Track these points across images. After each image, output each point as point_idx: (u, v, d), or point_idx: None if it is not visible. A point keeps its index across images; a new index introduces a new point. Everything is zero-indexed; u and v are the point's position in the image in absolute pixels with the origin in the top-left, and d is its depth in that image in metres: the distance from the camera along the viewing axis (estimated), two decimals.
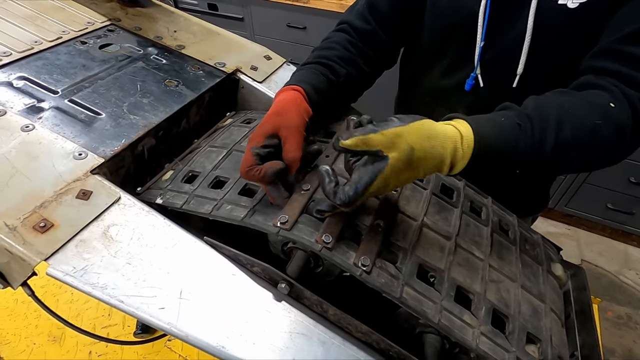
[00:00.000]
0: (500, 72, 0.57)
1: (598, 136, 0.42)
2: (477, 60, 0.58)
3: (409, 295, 0.40)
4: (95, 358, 0.72)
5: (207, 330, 0.38)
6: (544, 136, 0.41)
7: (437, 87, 0.67)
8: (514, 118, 0.42)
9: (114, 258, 0.40)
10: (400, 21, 0.63)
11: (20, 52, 0.58)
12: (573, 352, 0.52)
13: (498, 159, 0.41)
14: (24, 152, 0.45)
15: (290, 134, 0.44)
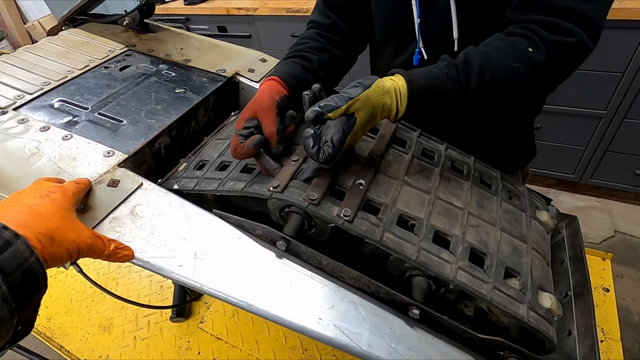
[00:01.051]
0: (440, 41, 0.63)
1: (516, 75, 0.51)
2: (418, 36, 0.64)
3: (389, 239, 0.46)
4: (139, 342, 0.82)
5: (218, 281, 0.46)
6: (468, 80, 0.50)
7: (391, 66, 0.71)
8: (443, 68, 0.51)
9: (140, 230, 0.48)
10: (355, 11, 0.71)
11: (57, 81, 0.70)
12: (566, 292, 0.55)
13: (431, 101, 0.50)
14: (65, 156, 0.55)
15: (264, 114, 0.53)
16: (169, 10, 2.28)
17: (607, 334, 0.68)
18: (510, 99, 0.56)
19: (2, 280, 0.30)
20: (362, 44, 0.77)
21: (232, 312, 0.84)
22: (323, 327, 0.44)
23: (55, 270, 1.02)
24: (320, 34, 0.70)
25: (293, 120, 0.57)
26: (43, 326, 0.88)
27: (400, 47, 0.69)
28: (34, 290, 0.34)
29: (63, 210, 0.40)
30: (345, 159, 0.53)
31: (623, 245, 1.67)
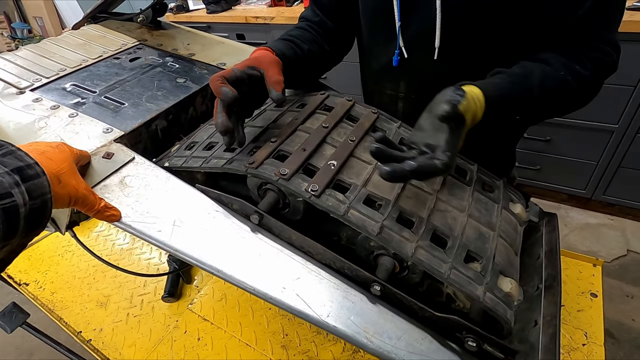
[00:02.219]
0: (421, 47, 0.66)
1: (567, 88, 0.57)
2: (399, 38, 0.67)
3: (353, 215, 0.48)
4: (131, 318, 0.85)
5: (192, 247, 0.49)
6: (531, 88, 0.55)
7: (380, 64, 0.76)
8: (505, 77, 0.56)
9: (127, 197, 0.52)
10: (340, 11, 0.75)
11: (72, 68, 0.76)
12: (537, 284, 0.56)
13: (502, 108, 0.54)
14: (69, 130, 0.60)
15: (269, 65, 0.57)
16: (192, 18, 2.40)
17: (590, 337, 0.67)
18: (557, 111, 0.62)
19: (29, 200, 0.36)
20: (349, 43, 0.82)
21: (220, 295, 0.87)
22: (285, 295, 0.46)
23: (64, 250, 1.08)
24: (310, 27, 0.75)
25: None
26: (47, 299, 0.93)
27: (386, 47, 0.72)
28: (41, 222, 0.39)
29: (69, 160, 0.46)
30: (322, 143, 0.56)
31: (635, 265, 1.60)
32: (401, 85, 0.75)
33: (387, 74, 0.76)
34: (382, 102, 0.81)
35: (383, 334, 0.45)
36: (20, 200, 0.35)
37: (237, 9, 2.32)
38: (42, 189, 0.39)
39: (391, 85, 0.76)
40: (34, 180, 0.38)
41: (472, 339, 0.45)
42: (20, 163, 0.38)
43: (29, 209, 0.36)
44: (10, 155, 0.39)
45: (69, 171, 0.46)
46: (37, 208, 0.38)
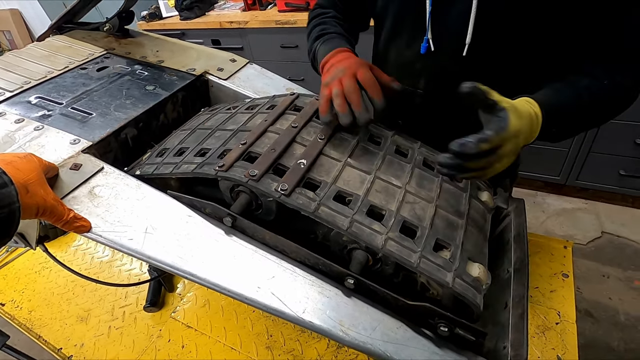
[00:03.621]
0: (450, 40, 0.65)
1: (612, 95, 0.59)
2: (428, 24, 0.65)
3: (323, 212, 0.49)
4: (113, 331, 0.84)
5: (165, 253, 0.49)
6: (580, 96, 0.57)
7: (402, 57, 0.76)
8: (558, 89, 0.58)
9: (96, 207, 0.52)
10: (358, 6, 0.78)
11: (36, 80, 0.75)
12: (507, 268, 0.58)
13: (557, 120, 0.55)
14: (35, 143, 0.59)
15: (366, 69, 0.59)
16: (165, 25, 2.38)
17: (562, 317, 0.70)
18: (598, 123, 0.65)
19: None
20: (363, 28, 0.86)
21: (203, 302, 0.86)
22: (260, 294, 0.47)
23: (40, 267, 1.06)
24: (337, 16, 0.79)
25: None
26: (24, 318, 0.91)
27: (411, 38, 0.71)
28: (8, 231, 0.40)
29: (37, 170, 0.46)
30: (292, 143, 0.57)
31: (610, 246, 1.67)
32: (421, 82, 0.74)
33: (407, 68, 0.74)
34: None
35: (358, 326, 0.46)
36: None
37: (210, 15, 2.31)
38: (10, 198, 0.39)
39: (410, 81, 0.74)
40: (1, 189, 0.38)
41: (444, 324, 0.47)
42: None
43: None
44: None
45: (37, 181, 0.45)
46: (5, 217, 0.38)
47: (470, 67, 0.66)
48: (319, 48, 0.71)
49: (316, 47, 0.73)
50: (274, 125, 0.60)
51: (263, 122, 0.61)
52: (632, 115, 1.54)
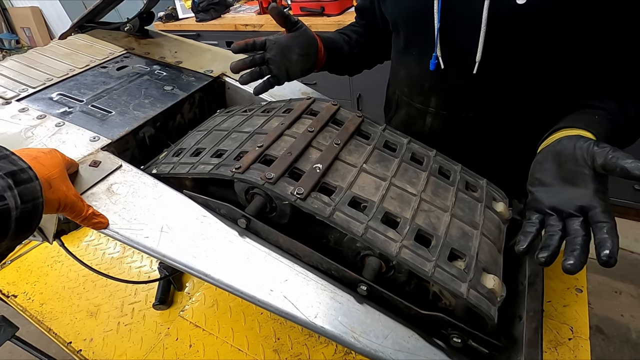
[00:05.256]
0: (460, 57, 0.64)
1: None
2: (437, 40, 0.65)
3: (338, 217, 0.49)
4: (122, 327, 0.85)
5: (180, 253, 0.49)
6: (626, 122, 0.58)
7: (412, 74, 0.77)
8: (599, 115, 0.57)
9: (114, 205, 0.53)
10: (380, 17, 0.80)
11: (58, 78, 0.77)
12: (522, 281, 0.57)
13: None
14: (56, 139, 0.60)
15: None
16: (181, 26, 2.41)
17: (576, 332, 0.68)
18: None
19: (20, 203, 0.36)
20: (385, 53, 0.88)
21: (212, 302, 0.87)
22: (273, 297, 0.47)
23: (53, 260, 1.07)
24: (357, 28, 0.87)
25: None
26: (36, 310, 0.92)
27: (421, 56, 0.71)
28: (31, 225, 0.40)
29: (60, 166, 0.47)
30: (308, 147, 0.57)
31: (623, 262, 1.63)
32: (432, 100, 0.74)
33: (418, 86, 0.75)
34: (410, 115, 0.80)
35: (370, 333, 0.46)
36: (12, 203, 0.36)
37: (226, 17, 2.34)
38: (34, 193, 0.40)
39: (421, 98, 0.76)
40: (26, 184, 0.39)
41: (457, 335, 0.46)
42: (13, 167, 0.39)
43: (20, 212, 0.37)
44: (4, 159, 0.40)
45: (59, 177, 0.46)
46: (29, 212, 0.39)
47: (481, 86, 0.66)
48: None
49: None
50: (290, 129, 0.61)
51: (279, 126, 0.61)
52: None
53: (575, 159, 0.47)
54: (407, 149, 0.62)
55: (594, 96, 0.61)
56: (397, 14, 0.73)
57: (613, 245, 0.41)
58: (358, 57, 0.86)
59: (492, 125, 0.72)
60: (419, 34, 0.69)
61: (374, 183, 0.55)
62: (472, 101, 0.70)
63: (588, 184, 0.46)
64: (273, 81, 0.71)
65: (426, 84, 0.74)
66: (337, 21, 1.90)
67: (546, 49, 0.61)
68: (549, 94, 0.67)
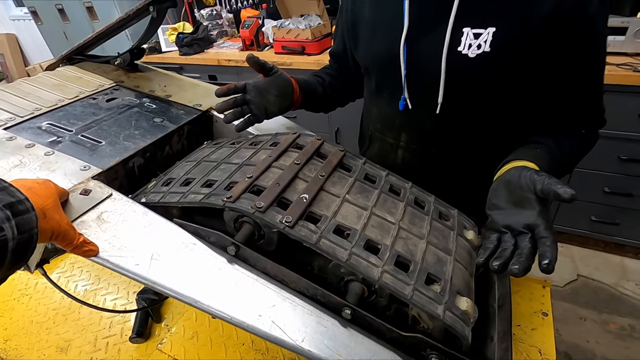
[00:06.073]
0: (425, 100, 0.75)
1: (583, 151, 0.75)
2: (404, 85, 0.75)
3: (324, 244, 0.52)
4: None
5: (169, 279, 0.50)
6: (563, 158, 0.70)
7: (384, 113, 0.86)
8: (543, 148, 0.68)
9: (104, 232, 0.54)
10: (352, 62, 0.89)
11: (47, 107, 0.78)
12: (492, 304, 0.61)
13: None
14: (45, 168, 0.61)
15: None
16: (164, 59, 2.47)
17: (544, 354, 0.73)
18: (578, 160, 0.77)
19: (17, 234, 0.37)
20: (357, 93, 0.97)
21: (192, 333, 0.85)
22: (262, 322, 0.49)
23: (19, 294, 1.02)
24: (331, 71, 0.96)
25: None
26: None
27: (391, 98, 0.80)
28: (25, 255, 0.41)
29: (54, 196, 0.48)
30: (295, 178, 0.61)
31: (585, 289, 1.73)
32: (402, 136, 0.83)
33: (390, 124, 0.84)
34: (383, 149, 0.89)
35: (355, 356, 0.48)
36: (10, 234, 0.37)
37: (209, 52, 2.42)
38: (30, 224, 0.41)
39: (393, 134, 0.85)
40: (23, 215, 0.40)
41: (436, 355, 0.49)
42: (12, 199, 0.40)
43: (16, 243, 0.38)
44: (3, 191, 0.41)
45: (53, 207, 0.47)
46: (24, 242, 0.40)
47: (445, 123, 0.76)
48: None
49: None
50: (277, 161, 0.65)
51: (267, 158, 0.65)
52: (600, 166, 1.67)
53: (521, 186, 0.56)
54: (386, 181, 0.67)
55: (537, 133, 0.72)
56: (369, 61, 0.83)
57: (552, 255, 0.49)
58: (331, 97, 0.96)
59: (458, 158, 0.81)
60: (389, 78, 0.79)
61: (356, 212, 0.59)
62: (438, 136, 0.80)
63: (533, 206, 0.54)
64: (253, 120, 0.78)
65: (397, 121, 0.83)
66: (317, 60, 2.02)
67: (496, 94, 0.72)
68: (502, 130, 0.77)
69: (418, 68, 0.73)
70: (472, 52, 0.67)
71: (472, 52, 0.67)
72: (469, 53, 0.67)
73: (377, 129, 0.90)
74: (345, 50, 0.90)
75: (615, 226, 1.77)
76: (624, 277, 1.76)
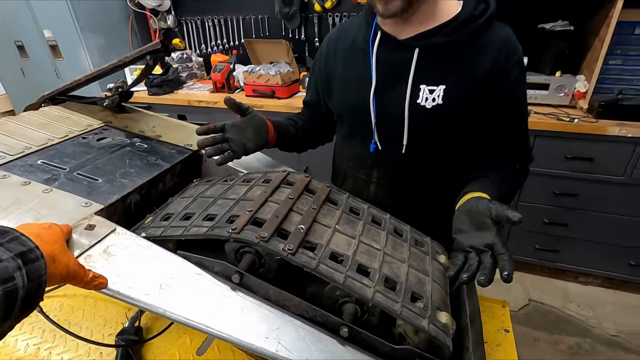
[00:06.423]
0: (392, 142, 0.88)
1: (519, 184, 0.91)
2: (374, 131, 0.89)
3: (322, 268, 0.58)
4: None
5: (179, 307, 0.54)
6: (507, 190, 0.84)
7: (356, 153, 0.97)
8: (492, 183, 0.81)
9: (111, 265, 0.56)
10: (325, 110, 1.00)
11: (37, 146, 0.79)
12: (464, 319, 0.70)
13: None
14: (45, 205, 0.63)
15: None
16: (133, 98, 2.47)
17: None
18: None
19: (27, 282, 0.38)
20: (332, 132, 1.08)
21: None
22: (269, 344, 0.53)
23: None
24: (303, 116, 1.07)
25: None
26: None
27: (363, 140, 0.93)
28: (34, 303, 0.41)
29: (61, 240, 0.49)
30: (290, 211, 0.68)
31: (537, 313, 1.89)
32: (374, 172, 0.95)
33: (362, 163, 0.96)
34: (356, 184, 0.99)
35: None
36: (20, 283, 0.38)
37: (179, 93, 2.47)
38: (40, 272, 0.42)
39: (365, 171, 0.96)
40: (33, 263, 0.41)
41: None
42: (23, 248, 0.42)
43: (26, 291, 0.39)
44: (15, 240, 0.42)
45: (61, 251, 0.49)
46: (34, 289, 0.41)
47: (410, 161, 0.90)
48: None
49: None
50: (272, 196, 0.71)
51: (263, 193, 0.71)
52: (539, 200, 1.90)
53: (479, 213, 0.68)
54: (368, 213, 0.76)
55: (483, 169, 0.88)
56: (343, 109, 0.96)
57: (510, 268, 0.61)
58: (303, 139, 1.06)
59: (423, 191, 0.95)
60: (361, 124, 0.92)
61: (346, 241, 0.66)
62: (405, 172, 0.93)
63: (490, 229, 0.66)
64: (232, 155, 0.85)
65: (368, 160, 0.95)
66: (287, 104, 2.15)
67: (449, 136, 0.87)
68: (456, 166, 0.93)
69: (385, 116, 0.87)
70: (428, 104, 0.82)
71: (429, 104, 0.82)
72: (426, 105, 0.82)
73: (350, 167, 1.01)
74: (319, 100, 1.03)
75: (556, 253, 1.98)
76: (567, 299, 1.95)
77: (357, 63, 0.88)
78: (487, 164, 0.88)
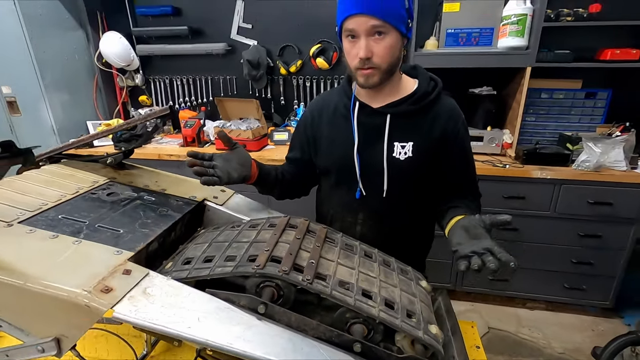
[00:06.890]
0: (375, 188, 1.07)
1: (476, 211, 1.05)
2: (359, 180, 1.07)
3: (336, 294, 0.70)
4: None
5: (217, 336, 0.61)
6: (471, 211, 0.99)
7: (343, 200, 1.14)
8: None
9: (152, 304, 0.63)
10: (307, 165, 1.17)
11: (53, 202, 0.84)
12: (447, 333, 0.84)
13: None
14: (80, 254, 0.69)
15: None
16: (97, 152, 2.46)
17: None
18: None
19: None
20: (313, 183, 1.23)
21: None
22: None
23: None
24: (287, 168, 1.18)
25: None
26: None
27: (349, 188, 1.10)
28: None
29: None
30: (299, 250, 0.79)
31: (496, 338, 2.07)
32: (360, 215, 1.12)
33: (348, 207, 1.13)
34: (344, 226, 1.15)
35: None
36: None
37: (148, 147, 2.52)
38: None
39: (351, 214, 1.13)
40: None
41: None
42: None
43: None
44: None
45: None
46: None
47: (390, 203, 1.09)
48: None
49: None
50: (281, 237, 0.83)
51: (274, 236, 0.83)
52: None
53: (475, 225, 0.86)
54: (361, 249, 0.90)
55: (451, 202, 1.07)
56: (330, 164, 1.14)
57: (513, 259, 0.76)
58: (283, 184, 1.19)
59: (401, 228, 1.13)
60: (346, 176, 1.10)
61: (348, 272, 0.79)
62: (387, 213, 1.11)
63: (485, 236, 0.83)
64: (216, 180, 0.95)
65: (354, 205, 1.12)
66: (258, 156, 2.29)
67: (419, 181, 1.08)
68: (427, 205, 1.13)
69: (368, 168, 1.06)
70: (402, 157, 1.02)
71: (402, 156, 1.02)
72: (400, 157, 1.02)
73: (337, 212, 1.16)
74: (302, 156, 1.20)
75: (506, 282, 2.23)
76: (520, 324, 2.17)
77: (341, 125, 1.07)
78: (450, 198, 1.09)
